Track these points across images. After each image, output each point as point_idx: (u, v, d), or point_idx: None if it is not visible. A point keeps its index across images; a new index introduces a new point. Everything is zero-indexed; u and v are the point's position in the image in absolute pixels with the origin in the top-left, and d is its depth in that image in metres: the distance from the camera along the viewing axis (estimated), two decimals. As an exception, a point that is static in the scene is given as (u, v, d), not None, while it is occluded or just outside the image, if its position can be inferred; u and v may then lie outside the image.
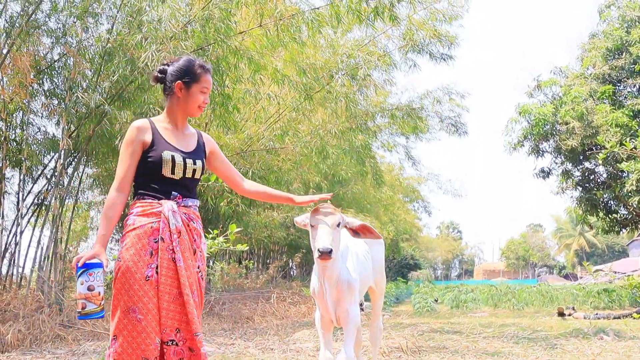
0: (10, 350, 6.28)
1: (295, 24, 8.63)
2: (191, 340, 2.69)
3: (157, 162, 2.77)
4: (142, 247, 2.70)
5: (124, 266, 2.67)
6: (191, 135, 2.99)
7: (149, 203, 2.77)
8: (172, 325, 2.67)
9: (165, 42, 7.23)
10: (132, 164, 2.79)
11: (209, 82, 2.94)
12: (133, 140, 2.79)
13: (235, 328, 9.63)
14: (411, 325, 10.36)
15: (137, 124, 2.83)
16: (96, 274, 2.64)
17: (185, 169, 2.82)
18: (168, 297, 2.67)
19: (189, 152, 2.88)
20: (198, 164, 2.88)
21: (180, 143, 2.88)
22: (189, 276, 2.73)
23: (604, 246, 58.04)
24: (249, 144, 10.58)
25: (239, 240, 10.09)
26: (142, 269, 2.67)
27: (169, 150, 2.80)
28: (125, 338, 2.63)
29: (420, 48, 11.69)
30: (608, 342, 7.53)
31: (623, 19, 15.77)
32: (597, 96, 15.48)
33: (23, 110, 8.58)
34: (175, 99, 2.90)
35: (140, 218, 2.75)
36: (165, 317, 2.66)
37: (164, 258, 2.69)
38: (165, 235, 2.71)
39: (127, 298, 2.64)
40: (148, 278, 2.67)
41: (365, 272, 4.05)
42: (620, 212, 16.79)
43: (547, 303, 17.29)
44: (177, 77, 2.87)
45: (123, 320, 2.64)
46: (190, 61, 2.91)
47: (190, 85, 2.87)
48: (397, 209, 25.34)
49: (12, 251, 8.47)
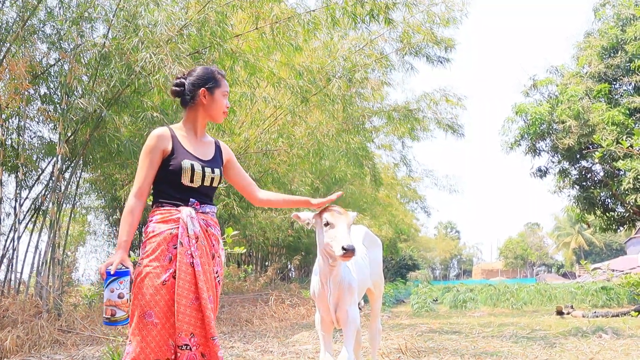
0: (9, 356, 6.27)
1: (291, 26, 8.64)
2: (205, 345, 2.74)
3: (176, 170, 2.84)
4: (161, 253, 2.77)
5: (144, 272, 2.74)
6: (209, 143, 3.06)
7: (167, 210, 2.84)
8: (187, 330, 2.71)
9: (162, 46, 7.23)
10: (150, 171, 2.85)
11: (227, 86, 3.07)
12: (153, 148, 2.86)
13: (234, 331, 9.62)
14: (410, 326, 10.37)
15: (157, 132, 2.90)
16: (125, 282, 2.69)
17: (204, 177, 2.89)
18: (185, 302, 2.72)
19: (207, 161, 2.95)
20: (216, 172, 2.96)
21: (199, 151, 2.96)
22: (206, 280, 2.79)
23: (602, 244, 58.15)
24: (245, 147, 10.58)
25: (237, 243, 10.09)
26: (160, 274, 2.74)
27: (188, 159, 2.87)
28: (140, 342, 2.69)
29: (417, 51, 11.72)
30: (607, 340, 7.54)
31: (618, 17, 15.80)
32: (593, 95, 15.51)
33: (19, 115, 8.57)
34: (199, 106, 2.98)
35: (159, 225, 2.81)
36: (181, 321, 2.70)
37: (182, 262, 2.75)
38: (184, 240, 2.78)
39: (144, 303, 2.71)
40: (165, 282, 2.73)
41: (363, 273, 4.06)
42: (618, 210, 16.81)
43: (546, 302, 17.34)
44: (200, 85, 2.97)
45: (139, 324, 2.70)
46: (207, 69, 3.04)
47: (214, 90, 2.98)
48: (395, 209, 25.35)
49: (9, 257, 8.45)
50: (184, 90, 2.99)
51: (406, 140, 18.36)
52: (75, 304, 9.35)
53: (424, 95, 14.67)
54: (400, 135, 17.88)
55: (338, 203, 3.61)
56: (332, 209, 3.44)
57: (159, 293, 2.71)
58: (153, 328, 2.69)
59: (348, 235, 3.32)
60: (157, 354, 2.69)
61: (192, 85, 2.97)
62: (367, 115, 13.40)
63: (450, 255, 74.41)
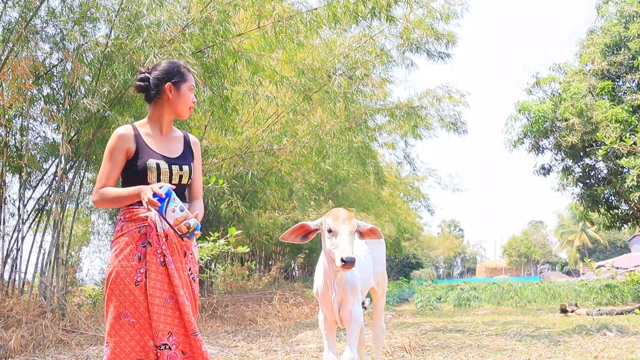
0: (14, 356, 6.28)
1: (293, 25, 8.64)
2: (185, 343, 2.69)
3: (142, 170, 2.78)
4: (130, 252, 2.72)
5: (114, 272, 2.70)
6: (177, 139, 2.99)
7: (135, 209, 2.78)
8: (164, 330, 2.67)
9: (165, 46, 7.24)
10: (113, 171, 2.80)
11: (193, 80, 2.97)
12: (115, 147, 2.81)
13: (238, 330, 9.63)
14: (414, 325, 10.36)
15: (120, 132, 2.84)
16: (175, 197, 2.64)
17: (171, 175, 2.83)
18: (158, 301, 2.67)
19: (175, 158, 2.88)
20: (185, 169, 2.89)
21: (165, 149, 2.89)
22: (179, 278, 2.74)
23: (606, 242, 57.96)
24: (247, 145, 10.58)
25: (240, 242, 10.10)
26: (131, 274, 2.69)
27: (153, 158, 2.80)
28: (118, 343, 2.65)
29: (418, 47, 11.69)
30: (611, 338, 7.52)
31: (621, 14, 15.75)
32: (596, 92, 15.46)
33: (23, 116, 8.58)
34: (164, 102, 2.90)
35: (127, 224, 2.77)
36: (157, 321, 2.66)
37: (152, 262, 2.70)
38: (152, 240, 2.72)
39: (118, 303, 2.67)
40: (137, 283, 2.69)
41: (367, 273, 4.05)
42: (622, 208, 16.78)
43: (550, 300, 17.30)
44: (165, 80, 2.88)
45: (115, 325, 2.67)
46: (173, 63, 2.95)
47: (180, 85, 2.89)
48: (399, 208, 25.33)
49: (14, 257, 8.48)
50: (148, 85, 2.91)
51: (409, 138, 18.41)
52: (79, 304, 9.38)
53: (427, 91, 14.67)
54: (404, 134, 17.91)
55: (342, 203, 3.61)
56: (337, 215, 3.43)
57: (133, 293, 2.68)
58: (131, 328, 2.66)
59: (349, 244, 3.30)
60: (138, 353, 2.66)
61: (157, 79, 2.88)
62: (369, 113, 13.39)
63: (453, 254, 74.29)
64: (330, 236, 3.40)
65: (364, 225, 3.59)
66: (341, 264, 3.23)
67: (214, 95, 8.45)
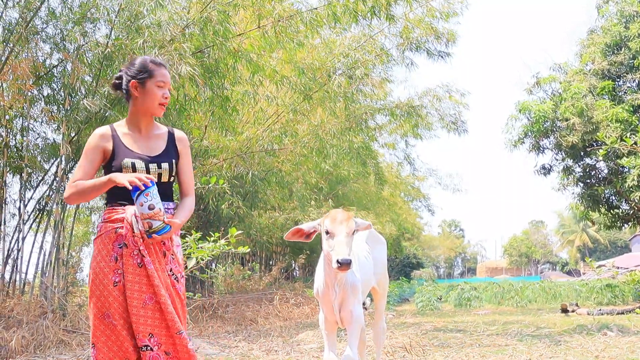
0: (15, 356, 6.28)
1: (293, 24, 8.64)
2: (168, 343, 2.66)
3: (118, 170, 2.76)
4: (107, 253, 2.72)
5: (93, 273, 2.70)
6: (159, 136, 2.92)
7: (114, 209, 2.77)
8: (144, 331, 2.64)
9: (166, 46, 7.24)
10: (89, 169, 2.79)
11: (164, 76, 2.87)
12: (92, 147, 2.80)
13: (238, 330, 9.63)
14: (415, 325, 10.36)
15: (98, 132, 2.83)
16: (152, 193, 2.62)
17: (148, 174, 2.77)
18: (137, 303, 2.65)
19: (154, 156, 2.83)
20: (164, 166, 2.83)
21: (144, 147, 2.84)
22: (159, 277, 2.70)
23: (607, 242, 57.91)
24: (248, 145, 10.58)
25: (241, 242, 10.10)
26: (109, 275, 2.69)
27: (129, 158, 2.77)
28: (104, 344, 2.65)
29: (418, 46, 11.69)
30: (612, 337, 7.52)
31: (621, 14, 15.74)
32: (596, 92, 15.45)
33: (23, 116, 8.58)
34: (134, 100, 2.85)
35: (105, 224, 2.76)
36: (136, 322, 2.63)
37: (129, 264, 2.68)
38: (128, 241, 2.70)
39: (100, 304, 2.67)
40: (116, 284, 2.68)
41: (367, 273, 4.05)
42: (622, 208, 16.78)
43: (551, 300, 17.31)
44: (131, 77, 2.83)
45: (100, 326, 2.67)
46: (142, 59, 2.89)
47: (145, 81, 2.82)
48: (399, 208, 25.33)
49: (14, 257, 8.48)
50: (121, 84, 2.88)
51: (409, 138, 18.41)
52: (80, 304, 9.36)
53: (427, 91, 14.67)
54: (404, 134, 17.91)
55: (343, 203, 3.60)
56: (334, 217, 3.43)
57: (112, 294, 2.66)
58: (114, 328, 2.65)
59: (345, 246, 3.29)
60: (123, 352, 2.65)
61: (126, 77, 2.85)
62: (369, 113, 13.39)
63: (454, 254, 74.25)
64: (327, 238, 3.41)
65: (362, 223, 3.59)
66: (336, 266, 3.24)
67: (214, 96, 8.45)
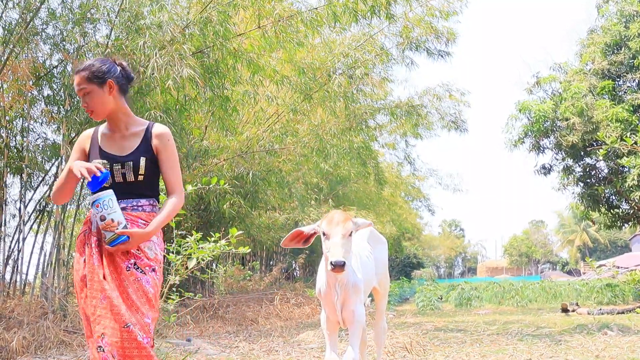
0: (15, 357, 6.28)
1: (293, 24, 8.65)
2: (114, 344, 2.56)
3: None
4: (78, 255, 2.75)
5: (73, 276, 2.79)
6: (135, 134, 2.84)
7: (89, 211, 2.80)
8: (99, 331, 2.60)
9: (166, 46, 7.24)
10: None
11: (76, 83, 2.79)
12: (75, 148, 2.89)
13: (239, 330, 9.63)
14: (415, 324, 10.36)
15: (84, 133, 2.91)
16: (102, 204, 2.62)
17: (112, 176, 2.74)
18: (95, 302, 2.63)
19: (122, 156, 2.77)
20: (128, 165, 2.74)
21: (116, 147, 2.80)
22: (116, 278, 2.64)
23: (607, 241, 57.92)
24: (248, 145, 10.58)
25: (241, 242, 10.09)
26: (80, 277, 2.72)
27: (97, 158, 2.75)
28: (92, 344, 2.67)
29: (417, 45, 11.70)
30: (612, 337, 7.52)
31: (621, 13, 15.75)
32: (596, 92, 15.46)
33: (23, 117, 8.58)
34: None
35: (82, 227, 2.82)
36: (94, 322, 2.62)
37: (90, 264, 2.68)
38: (90, 241, 2.71)
39: (84, 306, 2.70)
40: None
41: (369, 273, 4.05)
42: (622, 207, 16.79)
43: (551, 299, 17.29)
44: None
45: (88, 327, 2.70)
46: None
47: None
48: (399, 208, 25.34)
49: (15, 258, 8.48)
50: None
51: (410, 138, 18.42)
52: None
53: (427, 90, 14.68)
54: (404, 133, 17.92)
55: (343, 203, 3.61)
56: (331, 218, 3.43)
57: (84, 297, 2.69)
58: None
59: (340, 247, 3.30)
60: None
61: None
62: (370, 113, 13.39)
63: (454, 253, 74.26)
64: (324, 239, 3.41)
65: (363, 222, 3.59)
66: (331, 267, 3.25)
67: (214, 96, 8.45)
